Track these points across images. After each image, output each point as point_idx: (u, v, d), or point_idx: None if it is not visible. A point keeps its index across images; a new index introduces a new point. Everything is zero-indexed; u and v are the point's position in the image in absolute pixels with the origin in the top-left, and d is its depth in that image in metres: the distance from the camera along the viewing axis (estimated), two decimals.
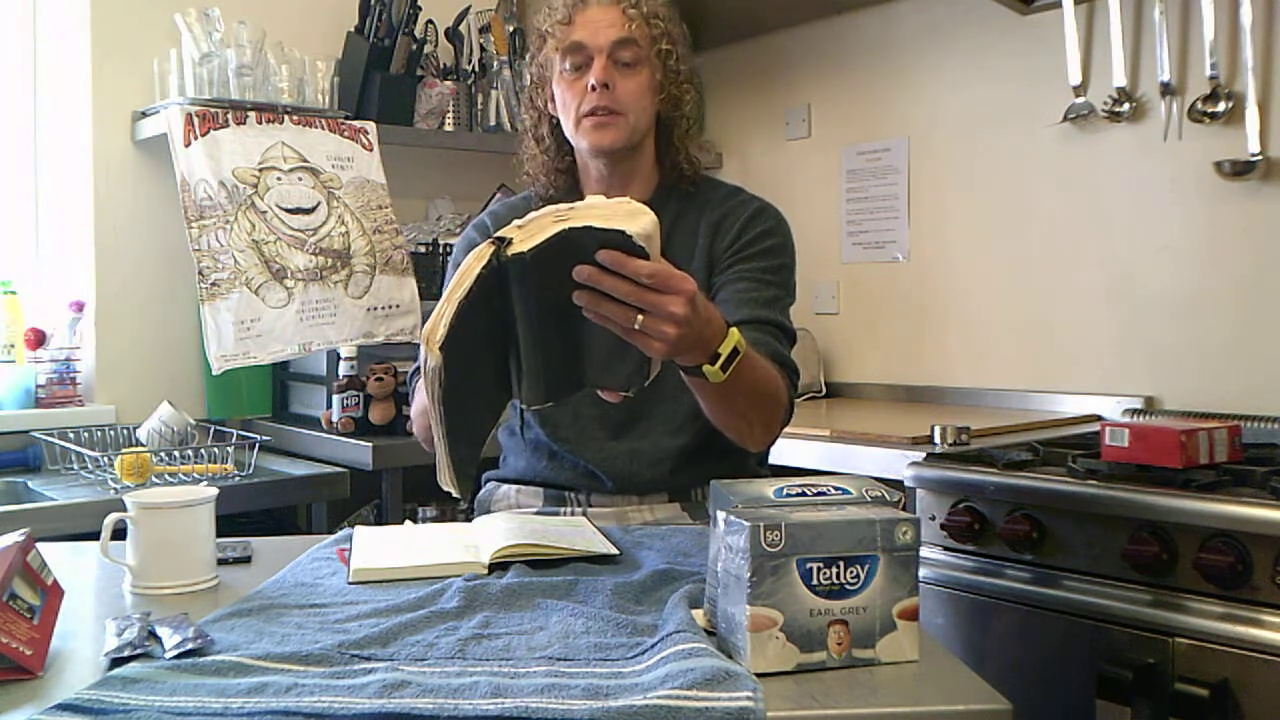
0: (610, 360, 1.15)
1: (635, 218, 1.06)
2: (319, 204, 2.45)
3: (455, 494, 1.20)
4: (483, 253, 1.05)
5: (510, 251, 1.03)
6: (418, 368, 1.55)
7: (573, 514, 1.53)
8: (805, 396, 2.80)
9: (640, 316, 1.07)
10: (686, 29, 1.60)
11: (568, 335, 1.12)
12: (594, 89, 1.49)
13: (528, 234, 1.04)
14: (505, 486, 1.63)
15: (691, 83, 1.59)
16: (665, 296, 1.08)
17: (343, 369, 2.40)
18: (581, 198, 1.54)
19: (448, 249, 2.70)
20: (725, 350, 1.20)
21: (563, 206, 1.07)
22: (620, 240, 1.04)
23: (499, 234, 1.05)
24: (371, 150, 2.58)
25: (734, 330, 1.22)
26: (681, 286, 1.09)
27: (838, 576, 0.90)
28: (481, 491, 1.67)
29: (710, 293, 1.52)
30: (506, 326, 1.09)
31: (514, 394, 1.14)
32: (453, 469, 1.16)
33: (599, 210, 1.07)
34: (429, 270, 2.68)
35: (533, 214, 1.06)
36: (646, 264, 1.06)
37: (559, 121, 1.58)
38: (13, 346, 2.44)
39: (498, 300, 1.07)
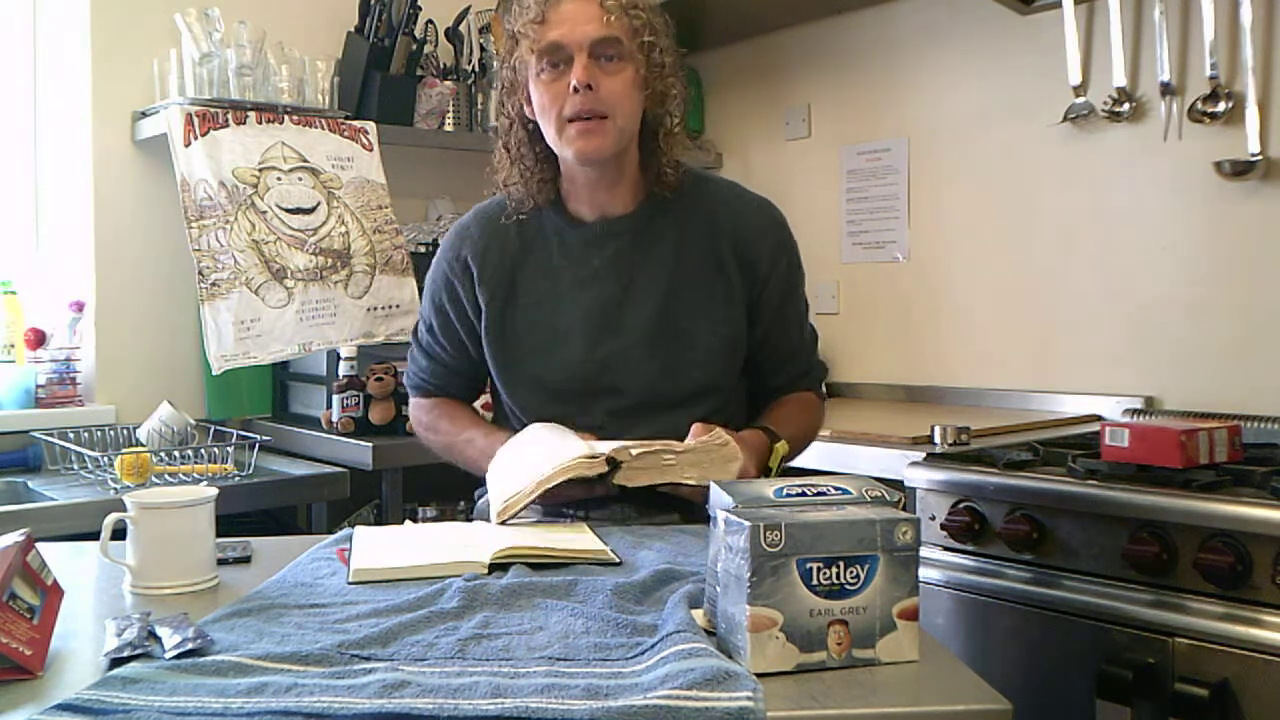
0: None
1: (728, 466, 1.34)
2: (319, 204, 2.45)
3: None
4: (592, 463, 1.27)
5: (616, 481, 1.30)
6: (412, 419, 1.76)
7: (572, 521, 1.52)
8: None
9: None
10: (669, 18, 1.52)
11: None
12: (576, 91, 1.41)
13: (639, 469, 1.30)
14: None
15: (678, 76, 1.51)
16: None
17: (343, 369, 2.40)
18: (567, 210, 1.58)
19: None
20: (775, 464, 1.43)
21: (677, 448, 1.33)
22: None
23: (613, 454, 1.29)
24: (371, 150, 2.58)
25: (778, 446, 1.44)
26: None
27: (838, 576, 0.90)
28: (480, 501, 1.64)
29: (758, 316, 1.57)
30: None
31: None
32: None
33: (699, 456, 1.34)
34: (429, 270, 2.67)
35: (651, 445, 1.32)
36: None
37: (536, 128, 1.51)
38: (13, 346, 2.44)
39: None
